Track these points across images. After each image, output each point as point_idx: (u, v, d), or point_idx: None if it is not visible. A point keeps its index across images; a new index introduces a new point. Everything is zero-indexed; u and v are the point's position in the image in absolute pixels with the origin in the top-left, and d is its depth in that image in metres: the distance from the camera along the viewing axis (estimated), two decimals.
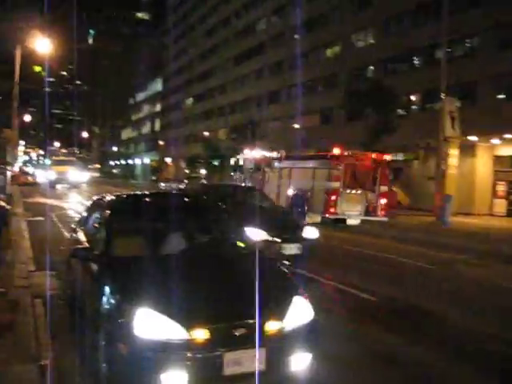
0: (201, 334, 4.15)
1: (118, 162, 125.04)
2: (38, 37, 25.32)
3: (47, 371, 4.66)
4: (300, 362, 4.53)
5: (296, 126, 51.89)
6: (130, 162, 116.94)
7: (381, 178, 23.05)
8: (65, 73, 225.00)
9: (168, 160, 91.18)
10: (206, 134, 75.44)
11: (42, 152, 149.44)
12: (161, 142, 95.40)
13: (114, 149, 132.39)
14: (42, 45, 25.24)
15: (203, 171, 66.29)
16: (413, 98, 38.95)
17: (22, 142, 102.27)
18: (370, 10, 42.96)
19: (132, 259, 5.15)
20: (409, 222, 27.38)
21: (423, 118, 36.00)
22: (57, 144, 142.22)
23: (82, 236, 6.81)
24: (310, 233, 11.22)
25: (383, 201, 23.20)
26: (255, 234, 8.59)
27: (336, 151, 22.74)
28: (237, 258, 5.67)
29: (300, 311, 4.68)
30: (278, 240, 10.47)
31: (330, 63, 47.90)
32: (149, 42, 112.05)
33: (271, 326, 4.40)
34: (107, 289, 4.58)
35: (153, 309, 4.21)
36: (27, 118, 62.24)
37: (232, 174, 44.26)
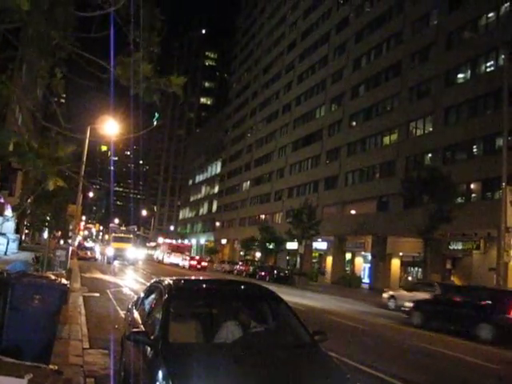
0: None
1: (174, 241, 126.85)
2: (105, 119, 26.55)
3: None
4: None
5: (352, 211, 51.76)
6: (186, 241, 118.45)
7: (188, 250, 75.49)
8: (128, 152, 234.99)
9: (223, 241, 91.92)
10: (262, 217, 76.04)
11: (101, 227, 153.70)
12: (217, 223, 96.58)
13: (171, 228, 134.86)
14: (110, 127, 26.45)
15: (258, 254, 66.30)
16: (472, 186, 38.33)
17: (83, 217, 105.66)
18: (428, 99, 43.39)
19: (187, 346, 5.14)
20: None
21: (483, 206, 35.25)
22: (116, 221, 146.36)
23: (137, 317, 6.87)
24: None
25: (192, 258, 64.19)
26: None
27: (167, 240, 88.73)
28: (292, 351, 5.54)
29: None
30: None
31: (387, 150, 48.07)
32: (210, 126, 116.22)
33: None
34: (160, 375, 4.57)
35: None
36: (90, 194, 64.70)
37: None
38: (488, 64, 38.11)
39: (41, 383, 4.96)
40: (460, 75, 41.16)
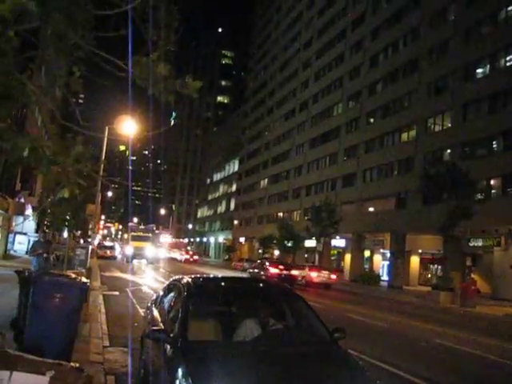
0: None
1: (192, 240, 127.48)
2: (123, 119, 26.62)
3: None
4: None
5: (371, 209, 51.50)
6: (204, 239, 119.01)
7: (184, 246, 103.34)
8: (146, 152, 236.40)
9: (242, 239, 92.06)
10: (280, 214, 75.95)
11: (120, 227, 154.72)
12: (235, 222, 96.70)
13: (190, 226, 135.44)
14: (128, 127, 26.50)
15: (276, 252, 66.19)
16: (492, 182, 37.91)
17: (102, 217, 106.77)
18: (446, 95, 42.99)
19: (206, 344, 5.16)
20: (489, 312, 25.97)
21: (504, 203, 34.88)
22: (135, 219, 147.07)
23: (157, 315, 6.91)
24: None
25: (189, 255, 78.59)
26: None
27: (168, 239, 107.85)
28: (312, 348, 5.51)
29: None
30: None
31: (405, 147, 47.71)
32: (227, 125, 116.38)
33: None
34: (180, 373, 4.58)
35: None
36: (109, 193, 65.06)
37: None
38: (508, 58, 37.64)
39: (62, 380, 5.00)
40: (479, 70, 40.71)
